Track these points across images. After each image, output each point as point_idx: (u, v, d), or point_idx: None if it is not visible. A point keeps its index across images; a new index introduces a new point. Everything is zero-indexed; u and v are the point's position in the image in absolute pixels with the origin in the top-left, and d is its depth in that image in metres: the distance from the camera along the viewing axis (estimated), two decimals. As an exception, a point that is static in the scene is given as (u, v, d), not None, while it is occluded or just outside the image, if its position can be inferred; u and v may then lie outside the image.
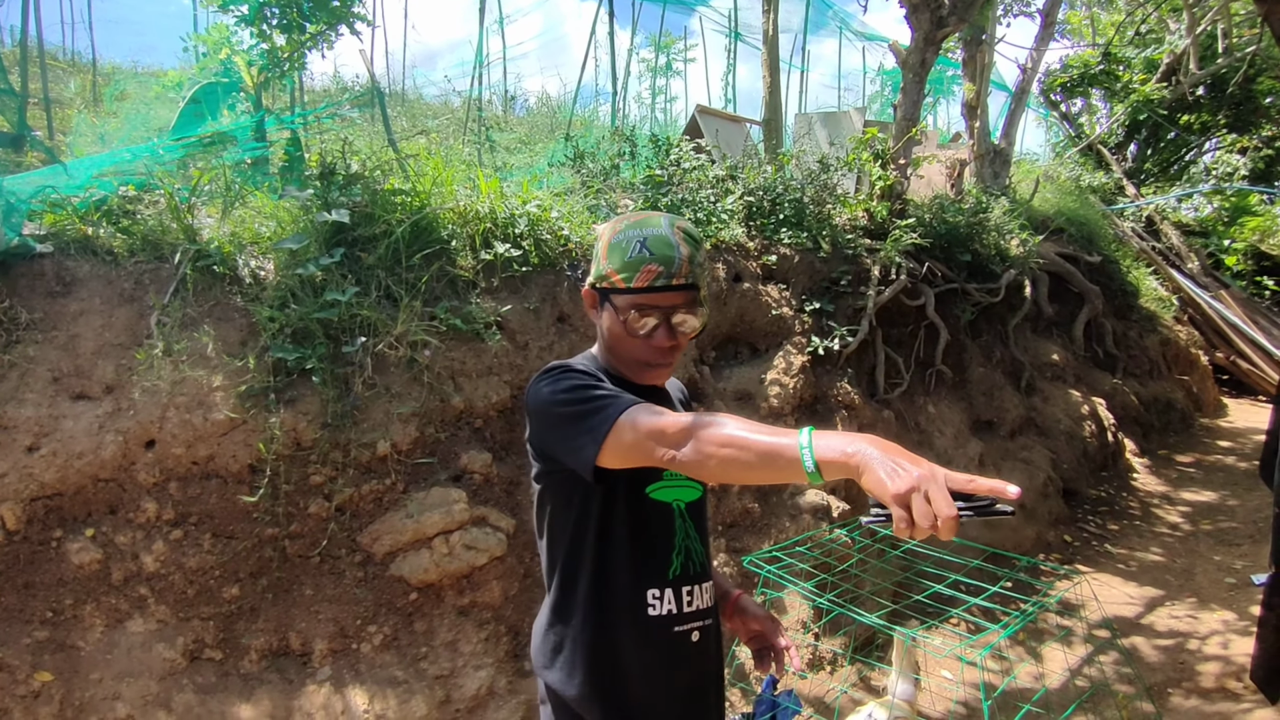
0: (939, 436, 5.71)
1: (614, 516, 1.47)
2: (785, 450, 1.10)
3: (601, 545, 1.48)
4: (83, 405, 2.93)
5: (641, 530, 1.47)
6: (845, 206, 5.87)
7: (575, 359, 1.55)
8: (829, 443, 1.07)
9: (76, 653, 2.71)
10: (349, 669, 2.95)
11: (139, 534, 2.89)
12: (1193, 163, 14.83)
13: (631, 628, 1.46)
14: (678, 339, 1.46)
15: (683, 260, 1.42)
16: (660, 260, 1.40)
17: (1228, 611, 4.63)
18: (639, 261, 1.40)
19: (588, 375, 1.41)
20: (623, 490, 1.46)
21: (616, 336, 1.47)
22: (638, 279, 1.40)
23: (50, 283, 3.09)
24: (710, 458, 1.16)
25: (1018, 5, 8.54)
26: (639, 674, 1.46)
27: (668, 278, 1.40)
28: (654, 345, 1.44)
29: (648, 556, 1.48)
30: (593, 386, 1.36)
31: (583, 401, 1.33)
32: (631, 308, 1.42)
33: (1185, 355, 10.02)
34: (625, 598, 1.46)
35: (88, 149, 5.34)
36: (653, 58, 21.48)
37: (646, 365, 1.48)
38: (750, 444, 1.14)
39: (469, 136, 8.23)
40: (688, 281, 1.42)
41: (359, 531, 3.15)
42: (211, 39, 5.32)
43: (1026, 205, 8.37)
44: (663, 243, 1.41)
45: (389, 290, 3.45)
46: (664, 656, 1.47)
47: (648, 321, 1.43)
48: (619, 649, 1.46)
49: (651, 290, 1.41)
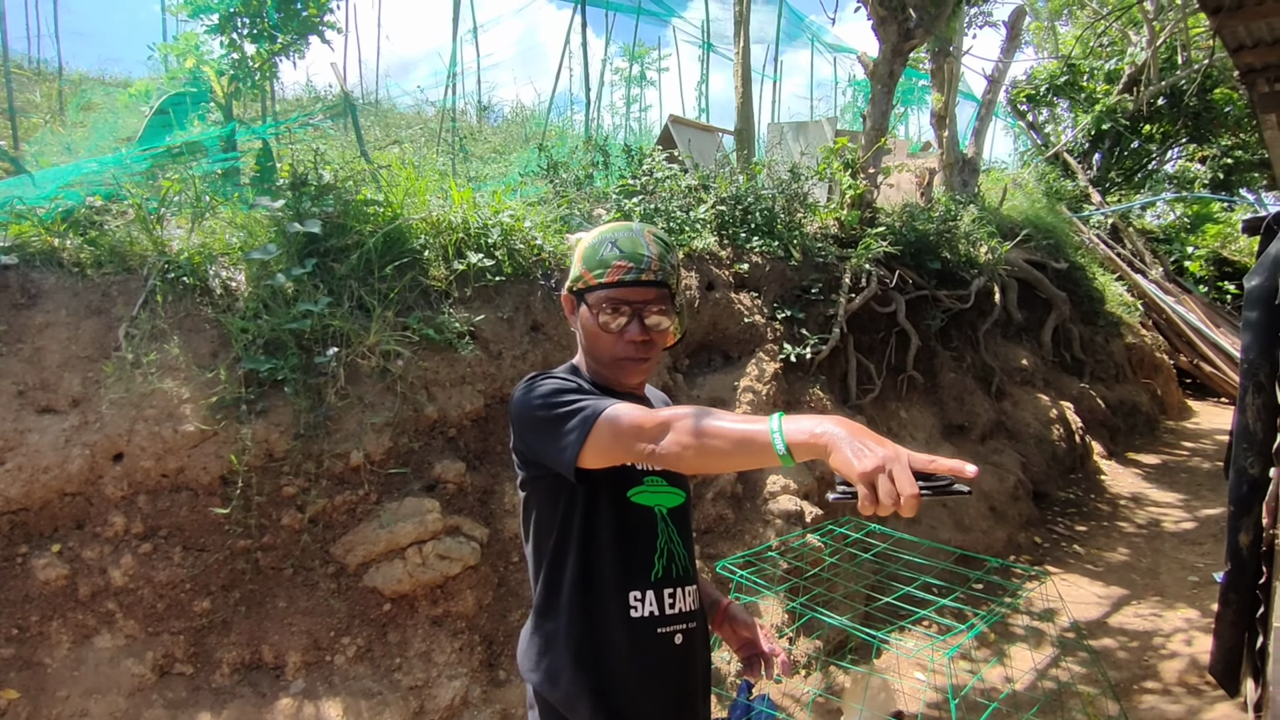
0: (910, 441, 5.79)
1: (597, 519, 1.49)
2: (757, 436, 1.15)
3: (584, 548, 1.50)
4: (49, 419, 2.89)
5: (624, 533, 1.49)
6: (816, 215, 5.95)
7: (556, 370, 1.59)
8: (798, 425, 1.12)
9: (43, 670, 2.67)
10: (322, 681, 2.93)
11: (107, 548, 2.85)
12: (1155, 171, 15.19)
13: (614, 629, 1.48)
14: (651, 335, 1.50)
15: (652, 258, 1.47)
16: (629, 257, 1.46)
17: (1191, 609, 4.74)
18: (610, 258, 1.47)
19: (567, 381, 1.46)
20: (605, 494, 1.49)
21: (592, 335, 1.51)
22: (608, 274, 1.46)
23: (15, 295, 3.05)
24: (687, 448, 1.22)
25: (983, 17, 8.72)
26: (622, 675, 1.48)
27: (637, 273, 1.46)
28: (628, 339, 1.48)
29: (630, 559, 1.50)
30: (572, 390, 1.41)
31: (562, 405, 1.37)
32: (604, 303, 1.47)
33: (1150, 359, 10.25)
34: (608, 599, 1.48)
35: (53, 159, 5.27)
36: (627, 67, 21.57)
37: (623, 363, 1.51)
38: (725, 432, 1.19)
39: (442, 146, 8.23)
40: (658, 278, 1.48)
41: (332, 542, 3.14)
42: (179, 48, 5.28)
43: (995, 213, 8.54)
44: (632, 242, 1.48)
45: (361, 300, 3.45)
46: (647, 658, 1.49)
47: (620, 316, 1.48)
48: (602, 650, 1.48)
49: (621, 285, 1.46)
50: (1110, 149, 14.33)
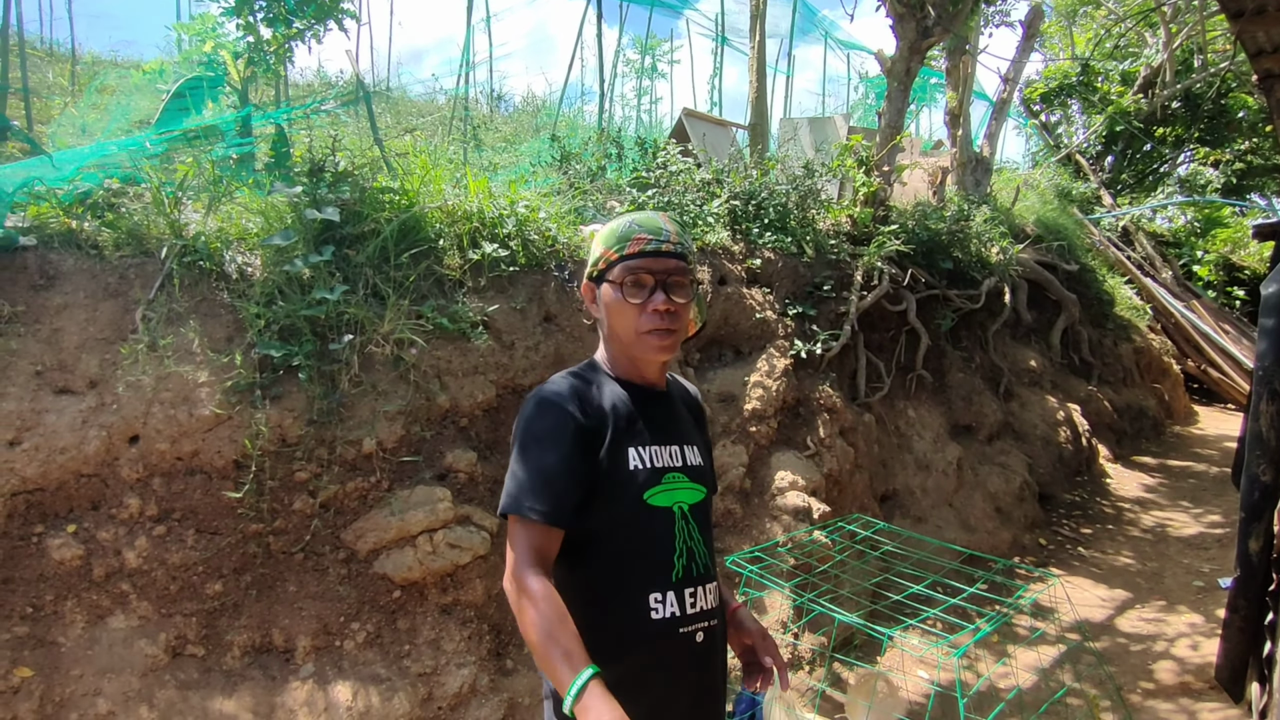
0: (918, 440, 5.80)
1: (613, 525, 1.50)
2: (559, 675, 1.30)
3: (600, 554, 1.50)
4: (66, 400, 2.91)
5: (642, 536, 1.50)
6: (829, 212, 5.93)
7: (560, 380, 1.56)
8: (585, 705, 1.25)
9: (57, 649, 2.70)
10: (332, 666, 2.95)
11: (121, 530, 2.87)
12: (1167, 174, 15.11)
13: (634, 631, 1.48)
14: (674, 306, 1.52)
15: (670, 232, 1.54)
16: (649, 231, 1.53)
17: (1195, 614, 4.74)
18: (630, 233, 1.53)
19: (547, 430, 1.48)
20: (619, 500, 1.49)
21: (616, 312, 1.53)
22: (629, 246, 1.52)
23: (33, 276, 3.07)
24: (516, 615, 1.40)
25: (999, 16, 8.67)
26: (644, 677, 1.47)
27: (658, 243, 1.52)
28: (652, 309, 1.50)
29: (649, 561, 1.49)
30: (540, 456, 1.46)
31: (531, 469, 1.46)
32: (627, 275, 1.51)
33: (1158, 363, 10.22)
34: (627, 602, 1.48)
35: (69, 140, 5.28)
36: (638, 59, 21.50)
37: (647, 337, 1.51)
38: (534, 642, 1.35)
39: (454, 135, 8.22)
40: (678, 250, 1.53)
41: (343, 528, 3.16)
42: (195, 28, 5.28)
43: (1007, 213, 8.51)
44: (649, 219, 1.55)
45: (376, 289, 3.46)
46: (669, 658, 1.49)
47: (643, 287, 1.51)
48: (621, 653, 1.47)
49: (643, 255, 1.51)
50: (1123, 151, 14.26)
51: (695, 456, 1.62)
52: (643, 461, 1.52)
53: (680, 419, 1.67)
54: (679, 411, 1.68)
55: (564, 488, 1.45)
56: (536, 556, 1.44)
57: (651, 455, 1.53)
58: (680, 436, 1.62)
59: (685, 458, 1.59)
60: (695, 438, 1.67)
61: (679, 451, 1.58)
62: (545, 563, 1.46)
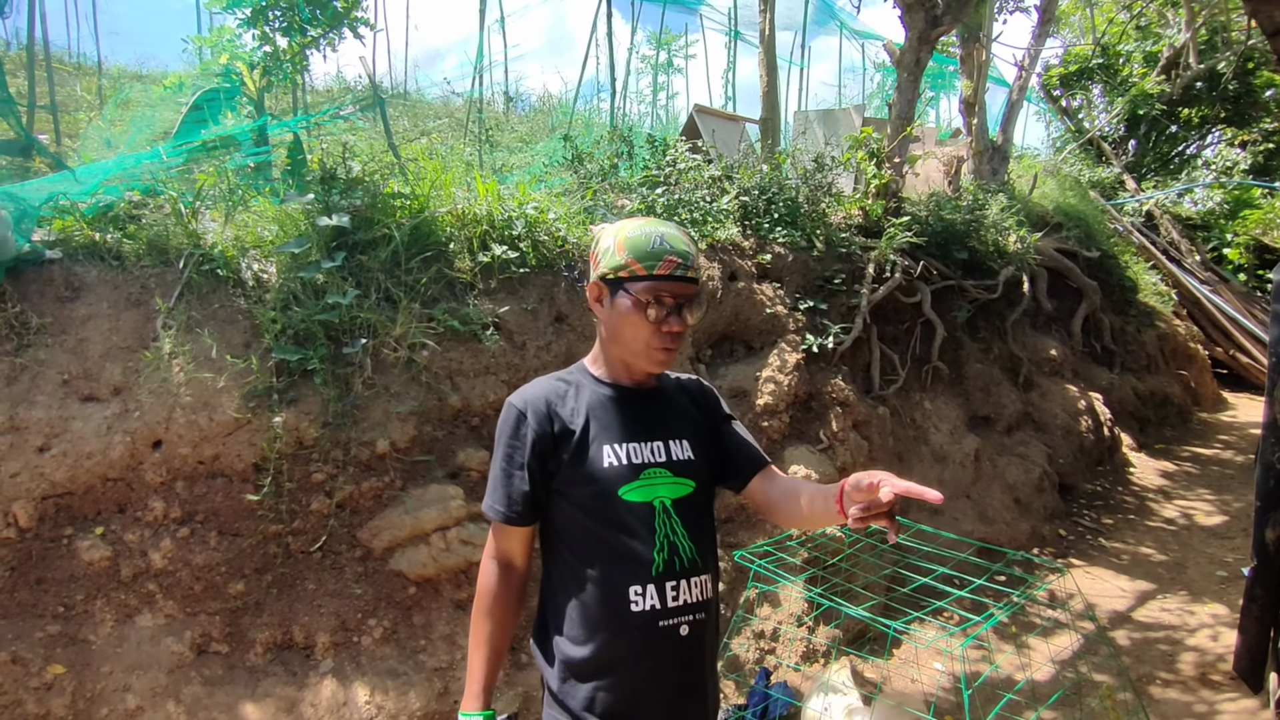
0: (935, 432, 5.77)
1: (589, 520, 1.56)
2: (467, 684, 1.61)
3: (579, 547, 1.57)
4: (91, 407, 3.02)
5: (618, 531, 1.54)
6: (841, 205, 5.92)
7: (535, 383, 1.66)
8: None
9: (87, 646, 2.81)
10: (350, 661, 3.04)
11: (147, 532, 2.97)
12: (1193, 157, 14.82)
13: (614, 624, 1.53)
14: (685, 326, 1.59)
15: (695, 256, 1.60)
16: (679, 254, 1.57)
17: (1218, 604, 4.69)
18: (662, 252, 1.55)
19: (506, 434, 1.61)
20: (596, 495, 1.55)
21: (630, 323, 1.57)
22: (660, 267, 1.55)
23: (59, 288, 3.18)
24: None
25: (1014, 2, 8.56)
26: (622, 669, 1.53)
27: (684, 269, 1.57)
28: (666, 330, 1.56)
29: (627, 555, 1.53)
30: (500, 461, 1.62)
31: (494, 471, 1.63)
32: (652, 294, 1.55)
33: (1183, 350, 10.05)
34: (606, 596, 1.53)
35: (94, 154, 5.43)
36: (654, 54, 21.50)
37: (654, 352, 1.58)
38: (472, 634, 1.64)
39: (469, 137, 8.30)
40: (696, 275, 1.60)
41: (359, 528, 3.24)
42: (213, 40, 5.40)
43: (1025, 201, 8.41)
44: (679, 240, 1.59)
45: (388, 292, 3.53)
46: (648, 651, 1.53)
47: (664, 308, 1.56)
48: (601, 645, 1.53)
49: (672, 279, 1.56)
50: (1146, 134, 14.01)
51: (684, 451, 1.64)
52: (618, 458, 1.56)
53: (669, 414, 1.69)
54: (669, 406, 1.71)
55: (515, 488, 1.58)
56: (496, 549, 1.65)
57: (629, 452, 1.57)
58: (666, 432, 1.64)
59: (670, 453, 1.62)
60: (688, 431, 1.68)
61: (661, 447, 1.61)
62: (505, 555, 1.66)
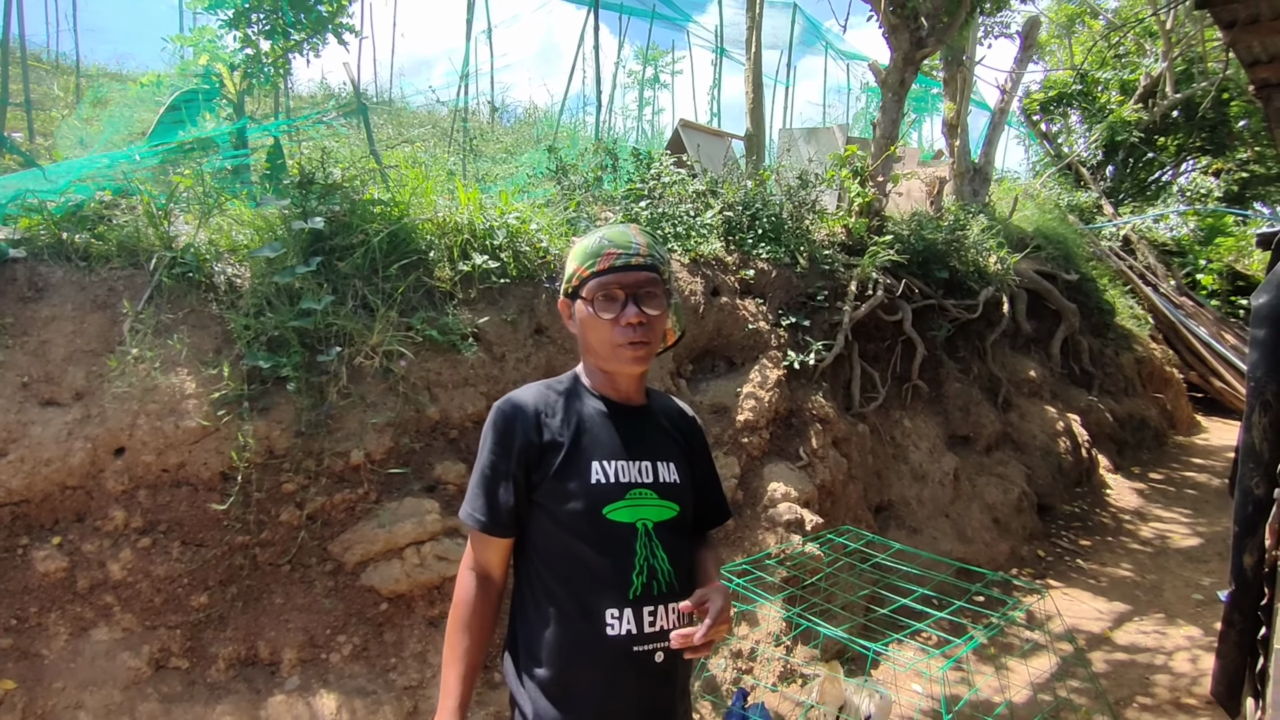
0: (914, 450, 5.77)
1: (570, 536, 1.50)
2: (441, 699, 1.52)
3: (558, 563, 1.51)
4: (52, 411, 2.92)
5: (599, 550, 1.49)
6: (824, 222, 5.93)
7: (526, 389, 1.61)
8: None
9: (40, 661, 2.69)
10: (317, 679, 2.94)
11: (106, 542, 2.87)
12: (1169, 184, 15.08)
13: (587, 646, 1.47)
14: (647, 317, 1.53)
15: (641, 244, 1.56)
16: (619, 245, 1.54)
17: (1194, 627, 4.70)
18: (601, 249, 1.54)
19: (493, 440, 1.55)
20: (580, 511, 1.49)
21: (591, 327, 1.54)
22: (600, 263, 1.53)
23: (22, 288, 3.08)
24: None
25: (998, 27, 8.68)
26: (595, 692, 1.47)
27: (628, 257, 1.53)
28: (624, 323, 1.51)
29: (605, 577, 1.48)
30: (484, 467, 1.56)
31: (476, 477, 1.57)
32: (599, 290, 1.52)
33: (1160, 373, 10.17)
34: (582, 617, 1.48)
35: (67, 152, 5.32)
36: (640, 70, 21.60)
37: (622, 350, 1.52)
38: (446, 648, 1.57)
39: (453, 146, 8.25)
40: (648, 263, 1.54)
41: (330, 540, 3.15)
42: (193, 40, 5.32)
43: (1005, 223, 8.49)
44: (620, 234, 1.57)
45: (366, 300, 3.46)
46: (622, 675, 1.48)
47: (615, 301, 1.52)
48: (574, 667, 1.48)
49: (613, 270, 1.52)
50: (1124, 160, 14.24)
51: (670, 474, 1.60)
52: (606, 475, 1.51)
53: (658, 435, 1.65)
54: (657, 427, 1.67)
55: (498, 498, 1.52)
56: (475, 560, 1.58)
57: (617, 470, 1.52)
58: (654, 453, 1.60)
59: (657, 474, 1.57)
60: (675, 454, 1.64)
61: (649, 468, 1.56)
62: (483, 566, 1.58)
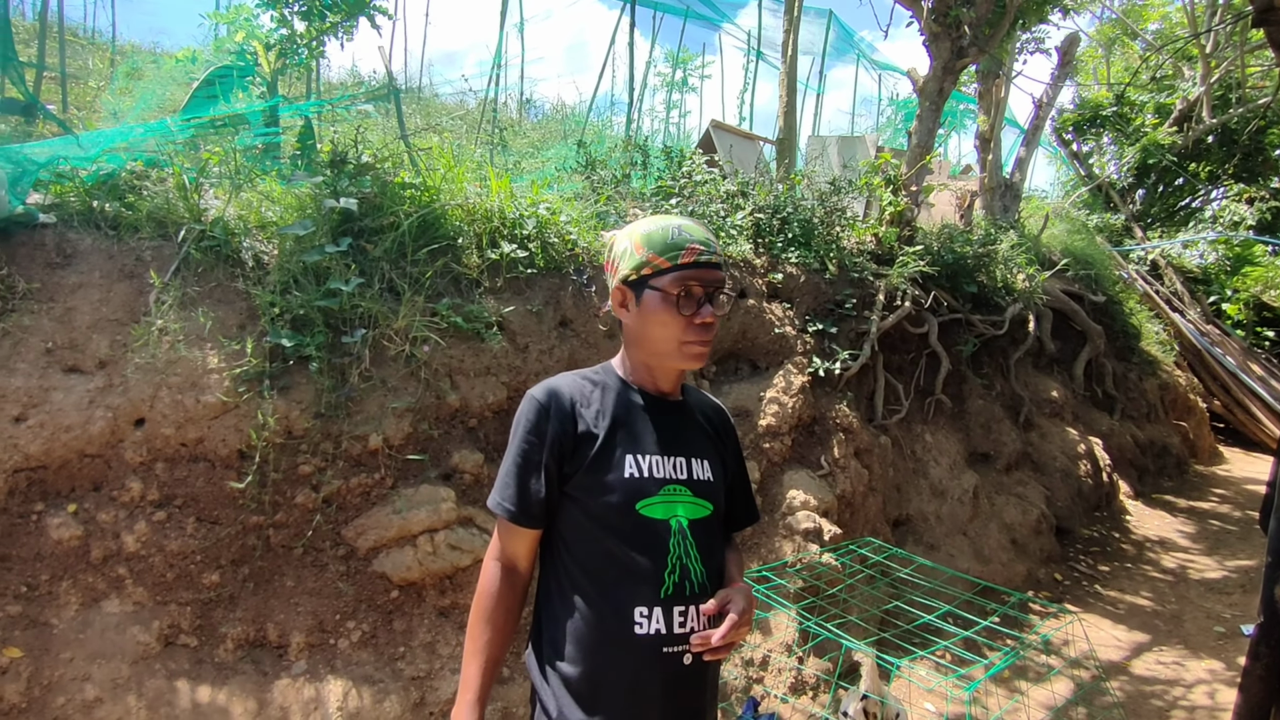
0: (934, 466, 5.68)
1: (602, 530, 1.44)
2: (460, 693, 1.50)
3: (588, 558, 1.45)
4: (74, 378, 2.89)
5: (631, 546, 1.43)
6: (854, 230, 5.85)
7: (560, 378, 1.54)
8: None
9: (49, 630, 2.66)
10: (325, 664, 2.90)
11: (121, 513, 2.84)
12: (1199, 210, 14.86)
13: (615, 645, 1.42)
14: (716, 318, 1.50)
15: (715, 242, 1.52)
16: (701, 241, 1.49)
17: (1215, 660, 4.58)
18: (683, 241, 1.48)
19: (526, 429, 1.48)
20: (613, 505, 1.43)
21: (658, 321, 1.48)
22: (683, 256, 1.47)
23: (50, 253, 3.06)
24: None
25: (1035, 43, 8.57)
26: (620, 692, 1.42)
27: (709, 254, 1.49)
28: (699, 322, 1.47)
29: (636, 574, 1.43)
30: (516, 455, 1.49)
31: (507, 465, 1.50)
32: (680, 285, 1.47)
33: (1183, 400, 10.01)
34: (612, 614, 1.42)
35: (100, 124, 5.32)
36: (670, 72, 21.56)
37: (688, 347, 1.48)
38: (468, 639, 1.52)
39: (481, 136, 8.23)
40: (719, 261, 1.51)
41: (344, 525, 3.11)
42: (230, 17, 5.32)
43: (1034, 240, 8.38)
44: (696, 228, 1.52)
45: (392, 283, 3.42)
46: (650, 676, 1.42)
47: (694, 298, 1.47)
48: (600, 665, 1.42)
49: (697, 265, 1.48)
50: (1154, 184, 14.05)
51: (704, 471, 1.55)
52: (640, 469, 1.46)
53: (693, 431, 1.60)
54: (693, 423, 1.61)
55: (529, 487, 1.46)
56: (501, 550, 1.52)
57: (651, 464, 1.47)
58: (689, 449, 1.55)
59: (691, 471, 1.52)
60: (709, 452, 1.59)
61: (684, 463, 1.51)
62: (510, 558, 1.52)
